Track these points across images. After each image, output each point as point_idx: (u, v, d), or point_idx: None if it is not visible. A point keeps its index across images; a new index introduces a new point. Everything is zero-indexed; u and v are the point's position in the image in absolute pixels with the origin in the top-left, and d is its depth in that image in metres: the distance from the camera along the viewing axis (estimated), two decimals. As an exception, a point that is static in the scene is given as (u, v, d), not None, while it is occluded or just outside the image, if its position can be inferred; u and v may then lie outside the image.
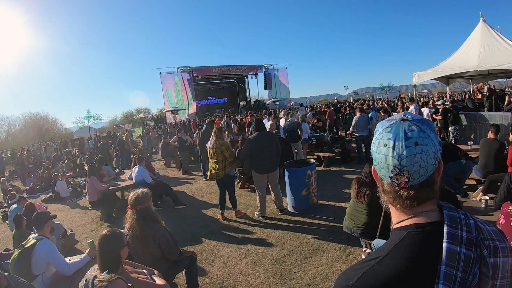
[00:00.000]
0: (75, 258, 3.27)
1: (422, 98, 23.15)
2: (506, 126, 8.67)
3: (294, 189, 5.71)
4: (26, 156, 18.07)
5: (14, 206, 6.57)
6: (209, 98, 40.88)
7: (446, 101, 13.93)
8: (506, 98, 11.72)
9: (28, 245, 3.08)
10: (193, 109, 35.27)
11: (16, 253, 3.13)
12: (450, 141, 9.20)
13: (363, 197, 3.72)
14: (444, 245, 0.76)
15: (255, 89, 43.26)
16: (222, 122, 16.12)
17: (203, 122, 14.23)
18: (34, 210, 4.79)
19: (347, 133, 10.38)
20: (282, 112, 11.96)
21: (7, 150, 28.61)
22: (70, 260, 3.22)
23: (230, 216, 5.99)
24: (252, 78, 41.21)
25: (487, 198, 4.33)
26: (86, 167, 9.88)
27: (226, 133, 9.05)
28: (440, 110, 10.42)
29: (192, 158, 12.20)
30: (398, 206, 0.85)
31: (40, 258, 3.02)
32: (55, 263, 3.05)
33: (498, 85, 22.56)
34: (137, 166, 7.28)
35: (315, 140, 10.34)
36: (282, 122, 10.19)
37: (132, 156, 10.57)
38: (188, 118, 32.25)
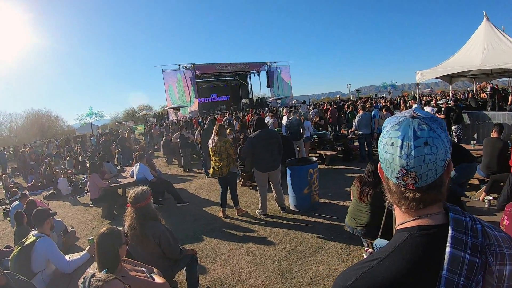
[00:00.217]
0: (75, 256, 3.26)
1: (424, 97, 23.11)
2: (510, 125, 8.63)
3: (296, 187, 5.70)
4: (28, 153, 18.09)
5: (16, 203, 6.57)
6: (211, 95, 40.75)
7: (448, 100, 13.88)
8: (510, 98, 11.67)
9: (28, 242, 3.07)
10: (195, 106, 35.21)
11: (16, 250, 3.12)
12: (453, 140, 9.14)
13: (366, 196, 3.68)
14: (447, 249, 0.73)
15: (258, 86, 43.10)
16: (224, 120, 16.10)
17: (206, 120, 14.19)
18: (35, 207, 4.78)
19: (350, 131, 10.35)
20: (284, 110, 11.92)
21: (10, 147, 28.67)
22: (70, 257, 3.21)
23: (231, 214, 5.97)
24: (254, 75, 41.01)
25: (490, 198, 4.27)
26: (88, 164, 9.88)
27: (228, 130, 9.03)
28: (442, 109, 10.37)
29: (194, 155, 12.20)
30: (403, 207, 0.83)
31: (39, 256, 3.01)
32: (55, 261, 3.04)
33: (501, 84, 22.49)
34: (138, 163, 7.28)
35: (317, 138, 10.32)
36: (284, 120, 10.16)
37: (133, 153, 10.58)
38: (190, 115, 32.23)
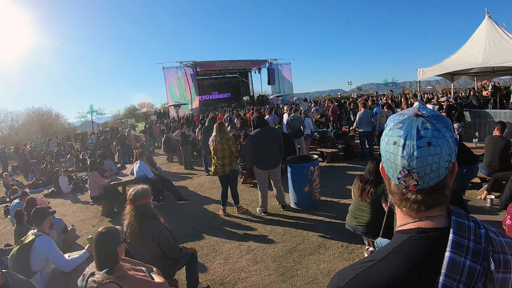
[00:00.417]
0: (74, 254, 3.24)
1: (426, 95, 23.02)
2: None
3: (296, 185, 5.67)
4: (29, 151, 18.09)
5: (16, 201, 6.56)
6: (212, 92, 40.72)
7: (450, 97, 13.83)
8: (512, 96, 11.62)
9: (27, 241, 3.05)
10: (196, 104, 35.22)
11: (15, 249, 3.10)
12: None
13: (367, 195, 3.65)
14: (446, 254, 0.70)
15: (259, 84, 43.12)
16: (225, 117, 16.05)
17: (207, 117, 14.16)
18: (35, 205, 4.77)
19: (351, 128, 10.32)
20: (285, 107, 11.87)
21: (10, 145, 28.69)
22: (69, 256, 3.19)
23: (231, 212, 5.95)
24: (255, 73, 41.03)
25: (493, 197, 4.25)
26: (88, 162, 9.87)
27: (229, 128, 9.00)
28: (444, 106, 10.33)
29: (194, 153, 12.18)
30: (404, 208, 0.80)
31: (39, 254, 2.99)
32: (54, 260, 3.02)
33: (503, 82, 22.35)
34: (138, 161, 7.25)
35: (318, 135, 10.28)
36: (285, 117, 10.12)
37: (134, 150, 10.56)
38: (191, 112, 32.22)
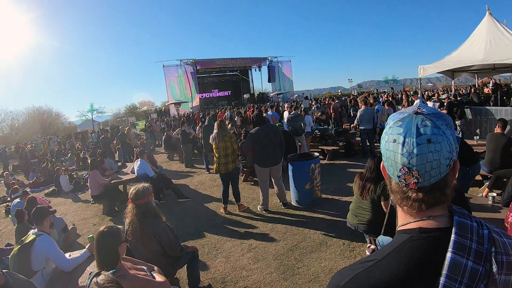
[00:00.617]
0: (75, 254, 3.23)
1: (426, 92, 22.97)
2: (512, 121, 8.56)
3: (297, 182, 5.66)
4: (29, 150, 18.09)
5: (17, 200, 6.56)
6: (212, 90, 40.74)
7: (450, 95, 13.79)
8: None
9: (27, 240, 3.04)
10: (196, 102, 35.18)
11: (15, 249, 3.10)
12: (458, 134, 9.08)
13: (368, 193, 3.63)
14: (448, 254, 0.68)
15: (259, 81, 43.13)
16: (226, 115, 16.06)
17: (208, 115, 14.17)
18: (36, 204, 4.77)
19: (352, 126, 10.30)
20: (286, 105, 11.86)
21: (11, 144, 28.71)
22: (70, 255, 3.18)
23: (232, 210, 5.94)
24: (255, 70, 41.00)
25: (494, 194, 4.24)
26: (89, 161, 9.87)
27: (229, 126, 8.99)
28: (445, 103, 10.31)
29: (195, 151, 12.18)
30: (405, 207, 0.79)
31: (39, 254, 2.98)
32: (55, 259, 3.01)
33: (503, 79, 22.29)
34: (139, 159, 7.24)
35: (319, 133, 10.26)
36: (285, 115, 10.11)
37: (134, 149, 10.55)
38: (191, 111, 32.20)
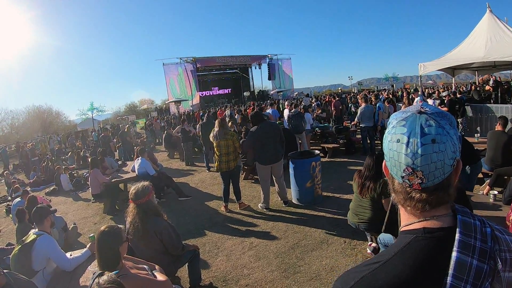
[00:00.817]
0: (76, 253, 3.22)
1: (427, 89, 22.94)
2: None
3: (298, 180, 5.65)
4: (29, 149, 18.09)
5: (18, 199, 6.56)
6: (212, 88, 40.63)
7: (451, 92, 13.78)
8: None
9: (28, 240, 3.04)
10: (196, 100, 35.12)
11: (16, 248, 3.09)
12: (460, 132, 9.06)
13: (367, 191, 3.62)
14: (453, 254, 0.68)
15: (259, 79, 43.09)
16: (226, 113, 16.04)
17: (209, 113, 14.18)
18: (36, 203, 4.76)
19: (352, 124, 10.28)
20: (286, 102, 11.85)
21: (11, 143, 28.70)
22: (71, 255, 3.18)
23: (233, 208, 5.94)
24: (256, 68, 40.85)
25: (496, 192, 4.21)
26: (89, 160, 9.87)
27: (230, 124, 8.98)
28: (445, 101, 10.29)
29: (195, 149, 12.17)
30: (408, 208, 0.78)
31: (40, 254, 2.98)
32: (56, 259, 3.01)
33: (504, 77, 22.25)
34: (139, 158, 7.23)
35: (320, 131, 10.25)
36: (285, 112, 10.09)
37: (135, 147, 10.54)
38: (191, 109, 32.15)
